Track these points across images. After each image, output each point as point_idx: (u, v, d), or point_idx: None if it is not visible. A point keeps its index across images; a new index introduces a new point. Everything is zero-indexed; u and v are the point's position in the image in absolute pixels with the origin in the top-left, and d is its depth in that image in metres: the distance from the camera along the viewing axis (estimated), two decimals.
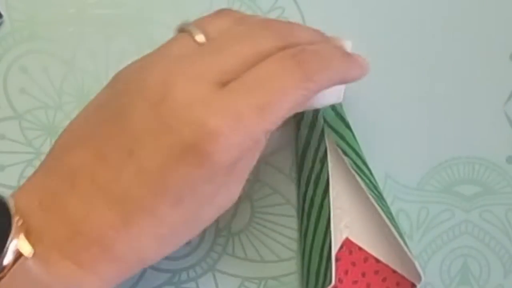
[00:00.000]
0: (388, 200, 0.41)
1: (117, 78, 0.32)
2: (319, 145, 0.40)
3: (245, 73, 0.30)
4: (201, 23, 0.32)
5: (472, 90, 0.42)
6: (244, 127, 0.29)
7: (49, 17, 0.42)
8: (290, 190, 0.41)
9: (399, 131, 0.42)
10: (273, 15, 0.42)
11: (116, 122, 0.30)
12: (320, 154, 0.40)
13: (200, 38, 0.31)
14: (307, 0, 0.42)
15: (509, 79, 0.42)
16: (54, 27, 0.41)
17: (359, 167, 0.40)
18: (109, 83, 0.33)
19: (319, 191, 0.40)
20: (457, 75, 0.42)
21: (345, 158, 0.39)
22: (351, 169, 0.39)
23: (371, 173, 0.41)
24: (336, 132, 0.40)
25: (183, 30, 0.33)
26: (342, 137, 0.40)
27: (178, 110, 0.29)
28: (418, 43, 0.42)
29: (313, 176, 0.40)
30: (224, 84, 0.30)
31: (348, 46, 0.41)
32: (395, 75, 0.42)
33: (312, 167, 0.40)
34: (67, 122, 0.41)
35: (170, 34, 0.42)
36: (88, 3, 0.42)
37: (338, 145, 0.40)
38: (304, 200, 0.40)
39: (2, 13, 0.41)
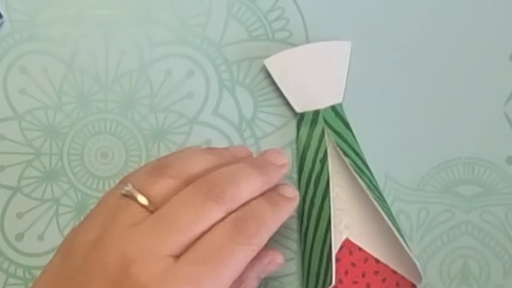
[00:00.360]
0: (388, 201, 0.41)
1: (72, 249, 0.33)
2: (319, 145, 0.40)
3: (196, 244, 0.32)
4: (143, 187, 0.34)
5: (472, 90, 0.42)
6: None
7: (49, 18, 0.41)
8: None
9: (399, 131, 0.42)
10: (273, 16, 0.42)
11: None
12: (320, 154, 0.40)
13: (145, 201, 0.33)
14: (307, 1, 0.42)
15: (509, 79, 0.42)
16: (54, 28, 0.41)
17: (360, 167, 0.40)
18: (64, 253, 0.34)
19: (319, 191, 0.40)
20: (457, 75, 0.42)
21: (346, 159, 0.39)
22: (352, 170, 0.39)
23: (371, 174, 0.41)
24: (336, 132, 0.40)
25: (126, 193, 0.34)
26: (342, 138, 0.40)
27: (140, 286, 0.31)
28: (418, 43, 0.42)
29: (313, 177, 0.40)
30: (177, 255, 0.32)
31: (348, 46, 0.41)
32: (394, 75, 0.42)
33: (313, 167, 0.40)
34: (67, 123, 0.42)
35: (170, 34, 0.42)
36: (88, 3, 0.42)
37: (338, 146, 0.40)
38: (304, 201, 0.40)
39: (2, 13, 0.41)
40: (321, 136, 0.41)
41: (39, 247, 0.41)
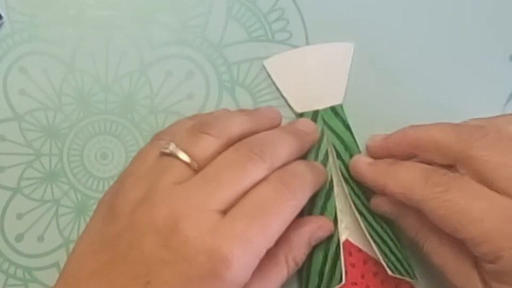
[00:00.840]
0: None
1: (115, 209, 0.34)
2: (319, 146, 0.40)
3: (243, 199, 0.33)
4: (186, 146, 0.35)
5: (472, 91, 0.42)
6: (252, 248, 0.32)
7: (49, 19, 0.42)
8: None
9: (394, 129, 0.42)
10: (273, 17, 0.42)
11: (129, 256, 0.32)
12: (321, 156, 0.40)
13: (188, 160, 0.34)
14: (306, 1, 0.42)
15: (509, 80, 0.42)
16: (54, 29, 0.41)
17: (349, 173, 0.40)
18: (105, 214, 0.35)
19: (322, 192, 0.40)
20: (457, 75, 0.42)
21: (337, 161, 0.40)
22: (340, 175, 0.39)
23: None
24: (334, 133, 0.41)
25: (170, 152, 0.35)
26: (340, 139, 0.40)
27: (189, 241, 0.31)
28: (418, 43, 0.42)
29: None
30: (224, 210, 0.33)
31: (350, 48, 0.41)
32: (394, 75, 0.42)
33: None
34: (67, 123, 0.42)
35: (170, 35, 0.42)
36: (87, 4, 0.42)
37: (334, 147, 0.40)
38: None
39: (2, 14, 0.41)
40: (321, 137, 0.41)
41: (39, 248, 0.41)
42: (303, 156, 0.39)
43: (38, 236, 0.41)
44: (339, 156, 0.40)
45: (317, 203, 0.40)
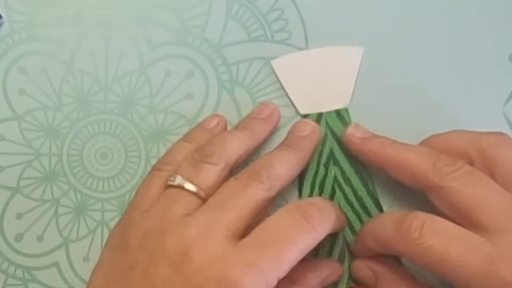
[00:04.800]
0: (388, 201, 0.41)
1: (126, 241, 0.35)
2: (322, 149, 0.40)
3: (258, 227, 0.33)
4: (191, 177, 0.36)
5: (471, 91, 0.42)
6: (263, 278, 0.32)
7: (48, 18, 0.42)
8: (290, 191, 0.41)
9: (398, 131, 0.42)
10: (272, 17, 0.42)
11: (145, 286, 0.33)
12: (323, 159, 0.40)
13: (195, 190, 0.36)
14: (306, 1, 0.42)
15: (509, 80, 0.42)
16: (53, 28, 0.42)
17: (348, 177, 0.40)
18: (116, 247, 0.36)
19: (324, 195, 0.40)
20: (456, 76, 0.42)
21: (333, 167, 0.40)
22: (333, 180, 0.40)
23: (363, 185, 0.40)
24: (336, 137, 0.41)
25: (177, 184, 0.36)
26: (340, 143, 0.40)
27: (200, 268, 0.32)
28: (417, 43, 0.42)
29: (318, 180, 0.40)
30: (234, 235, 0.33)
31: (359, 52, 0.41)
32: (393, 75, 0.42)
33: (317, 171, 0.40)
34: (66, 123, 0.42)
35: (169, 35, 0.42)
36: (87, 4, 0.42)
37: (332, 152, 0.40)
38: None
39: (2, 14, 0.41)
40: (324, 140, 0.41)
41: (38, 248, 0.41)
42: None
43: (37, 236, 0.41)
44: (336, 162, 0.40)
45: None
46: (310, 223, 0.34)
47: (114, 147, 0.42)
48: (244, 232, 0.34)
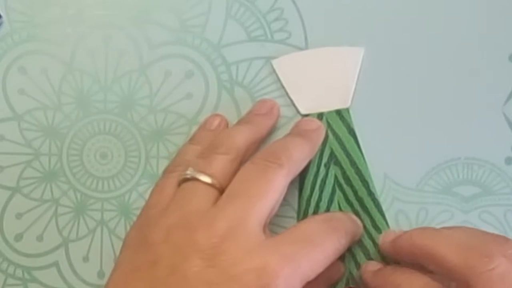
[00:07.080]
0: (387, 201, 0.41)
1: (147, 239, 0.34)
2: (323, 149, 0.40)
3: (290, 229, 0.34)
4: (202, 168, 0.36)
5: (471, 91, 0.42)
6: (300, 272, 0.32)
7: (48, 18, 0.42)
8: (290, 191, 0.41)
9: (398, 131, 0.42)
10: (272, 16, 0.42)
11: (171, 281, 0.32)
12: (325, 159, 0.40)
13: (209, 180, 0.35)
14: (305, 1, 0.42)
15: (508, 80, 0.42)
16: (53, 28, 0.42)
17: (348, 178, 0.40)
18: (136, 246, 0.35)
19: (325, 196, 0.40)
20: (456, 76, 0.42)
21: (334, 167, 0.40)
22: (333, 181, 0.40)
23: (364, 185, 0.40)
24: (336, 137, 0.41)
25: (190, 177, 0.36)
26: (341, 144, 0.40)
27: (236, 260, 0.32)
28: (417, 44, 0.42)
29: (319, 181, 0.40)
30: (264, 224, 0.34)
31: (360, 53, 0.41)
32: (393, 75, 0.42)
33: (318, 171, 0.40)
34: (66, 123, 0.42)
35: (169, 35, 0.42)
36: (86, 4, 0.42)
37: (332, 151, 0.40)
38: (309, 204, 0.40)
39: (1, 14, 0.41)
40: (325, 140, 0.41)
41: (38, 248, 0.41)
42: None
43: (37, 236, 0.41)
44: (336, 162, 0.40)
45: (320, 207, 0.40)
46: (337, 236, 0.35)
47: (114, 147, 0.42)
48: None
